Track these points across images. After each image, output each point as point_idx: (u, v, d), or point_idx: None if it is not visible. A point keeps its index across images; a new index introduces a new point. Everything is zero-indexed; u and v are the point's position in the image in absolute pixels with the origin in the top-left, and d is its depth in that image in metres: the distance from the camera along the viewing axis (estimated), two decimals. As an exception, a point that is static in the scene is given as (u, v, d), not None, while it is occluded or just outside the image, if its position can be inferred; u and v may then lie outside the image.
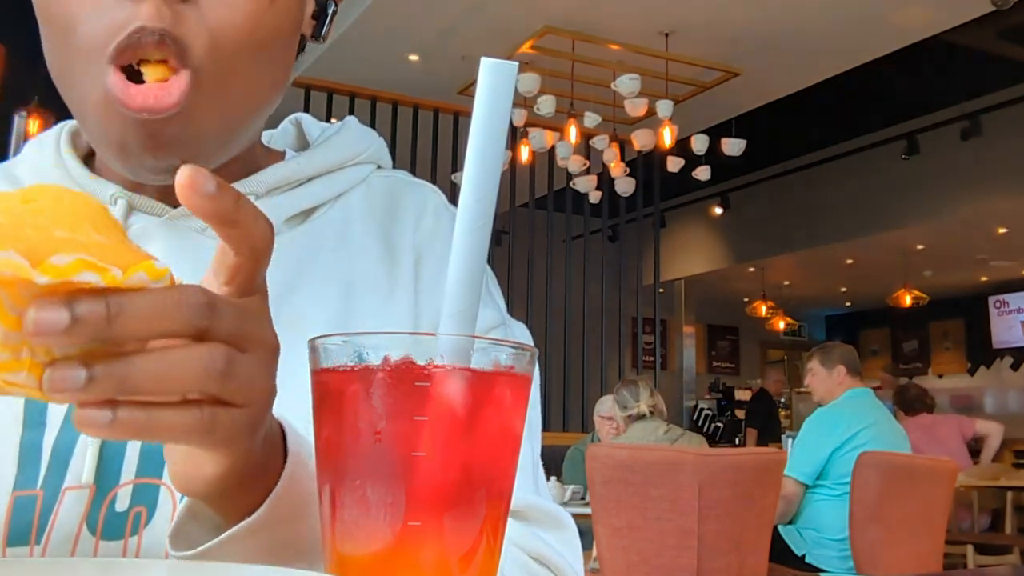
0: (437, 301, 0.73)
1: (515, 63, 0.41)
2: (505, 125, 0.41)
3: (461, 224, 0.40)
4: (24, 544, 0.57)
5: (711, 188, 9.18)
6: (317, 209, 0.72)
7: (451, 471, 0.38)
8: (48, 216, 0.33)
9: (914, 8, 5.74)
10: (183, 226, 0.67)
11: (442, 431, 0.38)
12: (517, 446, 0.41)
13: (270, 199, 0.70)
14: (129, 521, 0.59)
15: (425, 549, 0.38)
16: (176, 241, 0.66)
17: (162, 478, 0.60)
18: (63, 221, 0.33)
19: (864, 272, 11.16)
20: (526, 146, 6.74)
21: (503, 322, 0.75)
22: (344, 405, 0.39)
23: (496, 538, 0.40)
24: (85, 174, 0.68)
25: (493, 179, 0.41)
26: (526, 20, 6.02)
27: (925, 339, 12.85)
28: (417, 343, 0.39)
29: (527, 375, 0.41)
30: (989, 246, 9.87)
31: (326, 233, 0.72)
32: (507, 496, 0.41)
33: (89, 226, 0.34)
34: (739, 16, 5.90)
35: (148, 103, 0.52)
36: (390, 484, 0.38)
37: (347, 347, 0.40)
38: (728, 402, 11.60)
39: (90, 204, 0.35)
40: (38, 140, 0.73)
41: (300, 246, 0.70)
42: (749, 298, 12.19)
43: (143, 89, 0.51)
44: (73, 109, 0.60)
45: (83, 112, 0.58)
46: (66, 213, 0.33)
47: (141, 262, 0.34)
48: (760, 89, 7.04)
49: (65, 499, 0.59)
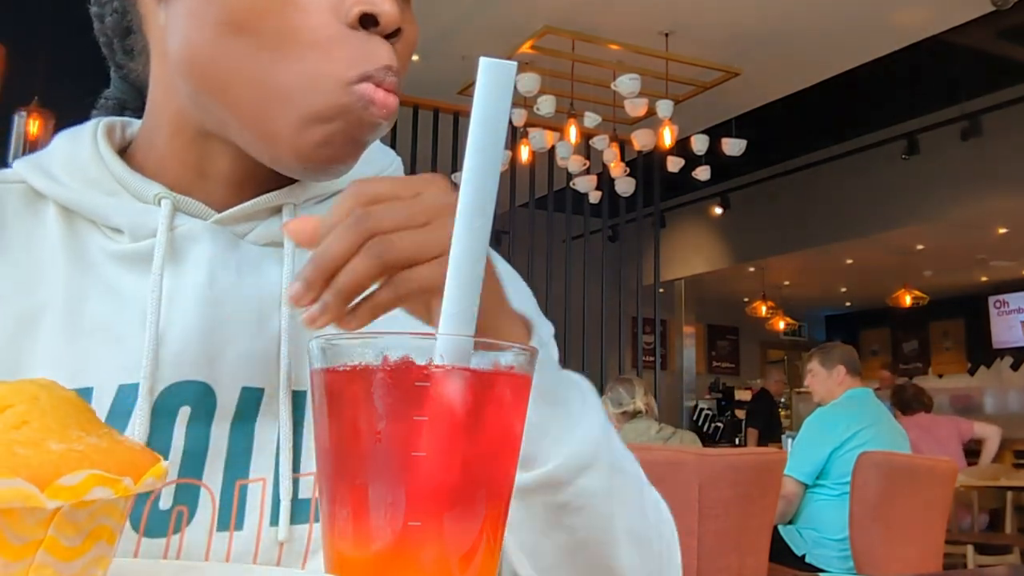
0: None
1: (514, 63, 0.41)
2: (504, 125, 0.41)
3: (460, 224, 0.40)
4: None
5: (711, 188, 9.17)
6: None
7: (451, 471, 0.38)
8: (35, 427, 0.31)
9: (914, 8, 5.74)
10: (227, 230, 0.67)
11: (442, 431, 0.38)
12: (517, 446, 0.41)
13: (306, 209, 0.71)
14: (172, 519, 0.60)
15: (425, 549, 0.38)
16: (220, 245, 0.66)
17: (202, 479, 0.62)
18: (51, 430, 0.31)
19: (864, 272, 11.16)
20: (526, 146, 6.74)
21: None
22: (344, 405, 0.39)
23: (496, 538, 0.40)
24: (126, 170, 0.69)
25: (492, 179, 0.41)
26: (526, 20, 6.02)
27: (925, 339, 12.85)
28: (417, 343, 0.39)
29: (527, 375, 0.41)
30: (989, 246, 9.87)
31: None
32: (507, 496, 0.41)
33: (76, 427, 0.32)
34: (739, 16, 5.91)
35: (391, 109, 0.62)
36: (390, 484, 0.38)
37: (347, 347, 0.40)
38: (728, 402, 11.59)
39: (67, 398, 0.34)
40: (71, 134, 0.73)
41: None
42: (749, 298, 12.18)
43: (388, 98, 0.61)
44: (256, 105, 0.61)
45: (287, 108, 0.60)
46: (50, 417, 0.32)
47: (150, 469, 0.32)
48: (760, 89, 7.04)
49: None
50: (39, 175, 0.69)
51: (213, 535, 0.61)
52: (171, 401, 0.63)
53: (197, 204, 0.68)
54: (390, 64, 0.61)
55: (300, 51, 0.60)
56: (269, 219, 0.69)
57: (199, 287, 0.64)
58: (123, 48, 0.74)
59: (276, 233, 0.69)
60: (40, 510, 0.29)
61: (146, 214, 0.66)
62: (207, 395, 0.63)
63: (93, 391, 0.62)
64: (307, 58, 0.60)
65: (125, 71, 0.77)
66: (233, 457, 0.63)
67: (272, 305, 0.66)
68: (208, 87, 0.63)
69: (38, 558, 0.30)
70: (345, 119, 0.60)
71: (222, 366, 0.63)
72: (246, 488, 0.63)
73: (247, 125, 0.62)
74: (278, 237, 0.69)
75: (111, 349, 0.63)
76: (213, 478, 0.62)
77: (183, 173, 0.69)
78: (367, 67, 0.60)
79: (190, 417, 0.63)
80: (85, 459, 0.30)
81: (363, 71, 0.60)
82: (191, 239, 0.66)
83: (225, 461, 0.63)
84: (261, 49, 0.60)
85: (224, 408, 0.64)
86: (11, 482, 0.28)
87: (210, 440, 0.63)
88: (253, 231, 0.68)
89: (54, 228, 0.68)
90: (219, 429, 0.63)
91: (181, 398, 0.63)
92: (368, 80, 0.60)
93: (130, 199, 0.68)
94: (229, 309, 0.64)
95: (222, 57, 0.61)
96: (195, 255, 0.65)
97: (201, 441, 0.63)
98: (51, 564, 0.30)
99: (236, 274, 0.66)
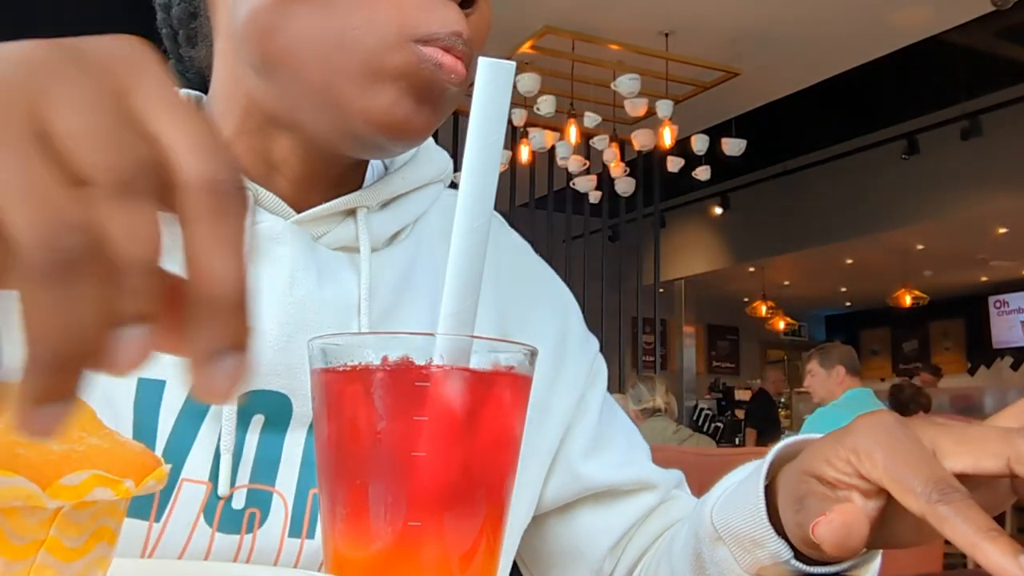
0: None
1: (513, 63, 0.41)
2: (503, 124, 0.41)
3: (460, 224, 0.40)
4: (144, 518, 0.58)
5: (711, 188, 9.18)
6: (404, 229, 0.72)
7: (451, 471, 0.38)
8: None
9: (914, 8, 5.74)
10: (306, 232, 0.65)
11: (442, 431, 0.38)
12: (517, 446, 0.41)
13: (381, 213, 0.69)
14: (244, 519, 0.60)
15: (425, 549, 0.38)
16: (300, 248, 0.64)
17: (275, 486, 0.61)
18: None
19: (864, 272, 11.17)
20: (526, 146, 6.74)
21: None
22: (344, 405, 0.39)
23: (496, 538, 0.40)
24: None
25: (491, 179, 0.41)
26: (526, 20, 6.01)
27: (925, 339, 12.85)
28: (416, 343, 0.39)
29: (527, 375, 0.41)
30: (989, 246, 9.87)
31: (416, 254, 0.72)
32: (507, 496, 0.41)
33: (77, 427, 0.32)
34: (739, 16, 5.90)
35: (460, 74, 0.59)
36: (390, 484, 0.38)
37: (347, 347, 0.40)
38: (728, 402, 11.60)
39: None
40: None
41: (399, 268, 0.69)
42: (749, 298, 12.19)
43: (456, 63, 0.59)
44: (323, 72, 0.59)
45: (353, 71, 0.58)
46: None
47: (152, 472, 0.32)
48: (760, 89, 7.04)
49: (184, 487, 0.60)
50: None
51: (284, 540, 0.60)
52: (246, 409, 0.61)
53: (275, 199, 0.65)
54: (460, 31, 0.59)
55: (368, 7, 0.58)
56: (343, 222, 0.67)
57: (280, 292, 0.62)
58: (187, 35, 0.72)
59: (349, 237, 0.66)
60: (41, 510, 0.29)
61: None
62: (283, 405, 0.62)
63: (165, 385, 0.60)
64: (375, 13, 0.58)
65: (186, 64, 0.74)
66: (308, 466, 0.62)
67: (350, 312, 0.65)
68: (274, 55, 0.60)
69: (40, 558, 0.30)
70: (413, 79, 0.58)
71: (300, 376, 0.62)
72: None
73: (315, 93, 0.60)
74: (351, 241, 0.67)
75: None
76: (287, 485, 0.62)
77: (252, 164, 0.66)
78: (436, 28, 0.58)
79: (264, 425, 0.62)
80: (86, 460, 0.30)
81: (431, 31, 0.58)
82: (272, 239, 0.63)
83: (299, 469, 0.62)
84: (326, 7, 0.58)
85: (300, 417, 0.62)
86: (12, 480, 0.28)
87: (283, 448, 0.62)
88: (328, 234, 0.66)
89: None
90: (294, 437, 0.62)
91: (257, 407, 0.61)
92: (435, 43, 0.58)
93: None
94: (309, 316, 0.63)
95: (288, 18, 0.59)
96: (277, 257, 0.63)
97: (275, 449, 0.62)
98: (52, 564, 0.30)
99: (316, 280, 0.64)
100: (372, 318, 0.65)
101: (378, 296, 0.67)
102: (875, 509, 0.49)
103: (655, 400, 4.12)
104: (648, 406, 4.12)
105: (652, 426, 4.01)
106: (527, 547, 0.79)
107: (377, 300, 0.66)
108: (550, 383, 0.75)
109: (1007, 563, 0.40)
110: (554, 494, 0.75)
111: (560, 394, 0.76)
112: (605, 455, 0.76)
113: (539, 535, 0.78)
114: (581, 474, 0.75)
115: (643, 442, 0.82)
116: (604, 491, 0.76)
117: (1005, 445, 0.45)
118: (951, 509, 0.43)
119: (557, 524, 0.77)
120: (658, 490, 0.77)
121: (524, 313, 0.76)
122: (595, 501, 0.76)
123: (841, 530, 0.48)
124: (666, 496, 0.78)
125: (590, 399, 0.78)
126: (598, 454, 0.76)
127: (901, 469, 0.46)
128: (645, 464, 0.78)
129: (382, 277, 0.68)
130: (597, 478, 0.75)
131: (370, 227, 0.67)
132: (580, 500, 0.76)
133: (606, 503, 0.76)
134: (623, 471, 0.76)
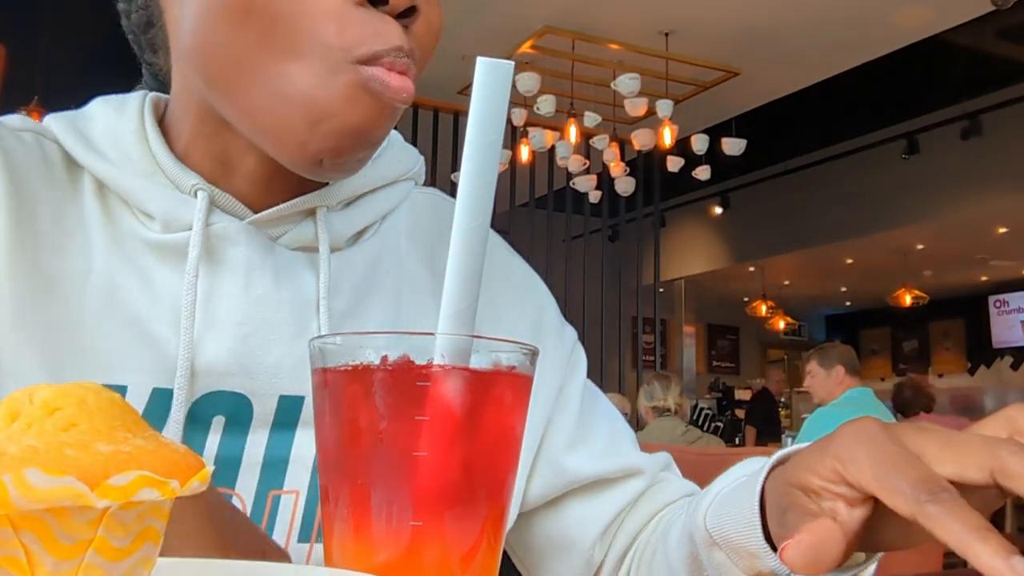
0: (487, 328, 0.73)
1: (511, 62, 0.41)
2: (502, 124, 0.41)
3: (459, 224, 0.40)
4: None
5: (711, 188, 9.18)
6: (368, 228, 0.71)
7: (452, 471, 0.38)
8: (83, 429, 0.31)
9: (914, 8, 5.74)
10: (263, 232, 0.65)
11: (443, 431, 0.38)
12: (518, 446, 0.41)
13: (343, 212, 0.69)
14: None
15: (426, 548, 0.38)
16: (256, 249, 0.64)
17: (235, 488, 0.61)
18: (99, 432, 0.31)
19: (864, 272, 11.17)
20: (526, 146, 6.74)
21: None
22: (345, 405, 0.39)
23: (497, 537, 0.40)
24: (167, 154, 0.65)
25: (490, 178, 0.41)
26: (526, 20, 6.02)
27: (925, 339, 12.85)
28: (417, 343, 0.39)
29: (528, 375, 0.41)
30: (989, 246, 9.88)
31: (381, 252, 0.71)
32: (508, 495, 0.41)
33: (122, 428, 0.32)
34: (739, 16, 5.91)
35: (406, 91, 0.58)
36: (391, 484, 0.38)
37: (347, 347, 0.40)
38: (728, 402, 11.60)
39: (113, 400, 0.34)
40: (117, 102, 0.69)
41: (361, 266, 0.69)
42: (749, 298, 12.19)
43: (404, 81, 0.58)
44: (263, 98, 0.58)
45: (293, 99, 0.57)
46: (98, 420, 0.32)
47: (197, 472, 0.32)
48: (760, 89, 7.04)
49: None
50: (78, 141, 0.65)
51: None
52: (205, 410, 0.61)
53: (232, 201, 0.65)
54: (400, 45, 0.57)
55: (306, 33, 0.56)
56: (302, 222, 0.66)
57: (236, 293, 0.62)
58: (147, 42, 0.72)
59: (308, 237, 0.66)
60: (90, 510, 0.29)
61: (182, 204, 0.63)
62: (243, 405, 0.62)
63: (127, 391, 0.60)
64: (316, 36, 0.56)
65: (153, 67, 0.74)
66: (269, 466, 0.62)
67: (309, 311, 0.64)
68: (216, 80, 0.60)
69: (87, 558, 0.30)
70: (356, 105, 0.57)
71: (259, 375, 0.62)
72: (279, 499, 0.62)
73: (256, 122, 0.59)
74: (310, 241, 0.66)
75: (144, 347, 0.61)
76: (246, 488, 0.61)
77: (210, 166, 0.65)
78: (376, 46, 0.56)
79: (225, 426, 0.61)
80: (132, 460, 0.31)
81: (372, 50, 0.56)
82: (227, 239, 0.63)
83: (260, 470, 0.62)
84: (266, 35, 0.57)
85: (261, 417, 0.62)
86: (62, 480, 0.28)
87: (245, 449, 0.62)
88: (286, 234, 0.66)
89: (90, 199, 0.65)
90: (255, 437, 0.62)
91: (216, 408, 0.61)
92: (378, 62, 0.56)
93: (166, 186, 0.64)
94: (267, 315, 0.63)
95: (228, 46, 0.58)
96: (231, 257, 0.63)
97: (235, 450, 0.61)
98: (100, 564, 0.31)
99: (273, 279, 0.63)
100: (332, 317, 0.65)
101: (339, 295, 0.66)
102: (860, 519, 0.48)
103: (666, 400, 4.13)
104: (659, 404, 4.13)
105: (661, 426, 4.02)
106: (517, 541, 0.79)
107: (338, 299, 0.66)
108: None
109: (999, 564, 0.39)
110: (540, 490, 0.75)
111: (537, 389, 0.75)
112: (588, 446, 0.76)
113: (528, 529, 0.77)
114: (566, 468, 0.75)
115: (627, 428, 0.81)
116: (591, 482, 0.76)
117: (989, 456, 0.44)
118: (941, 509, 0.42)
119: (545, 518, 0.77)
120: (645, 475, 0.77)
121: (495, 311, 0.76)
122: (582, 492, 0.76)
123: (809, 552, 0.47)
124: (653, 480, 0.78)
125: (569, 391, 0.78)
126: (581, 445, 0.76)
127: (888, 472, 0.45)
128: (630, 451, 0.78)
129: (343, 276, 0.67)
130: (583, 471, 0.75)
131: (330, 226, 0.67)
132: (567, 492, 0.76)
133: (593, 493, 0.76)
134: (608, 461, 0.76)
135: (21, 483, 0.28)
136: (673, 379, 4.30)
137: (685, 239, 11.06)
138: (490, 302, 0.76)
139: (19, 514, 0.29)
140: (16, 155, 0.64)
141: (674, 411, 4.13)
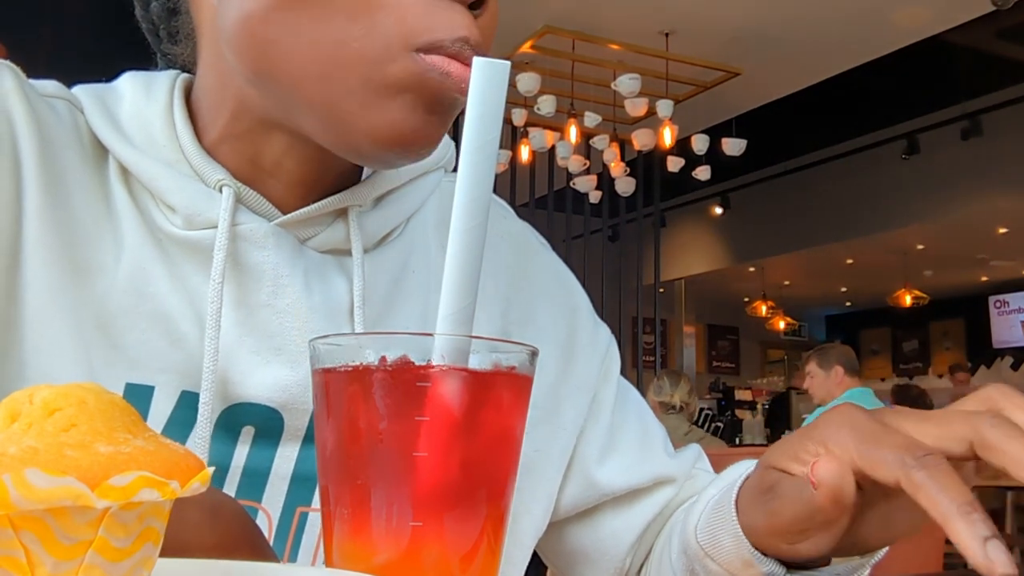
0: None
1: (507, 62, 0.41)
2: (499, 124, 0.41)
3: (457, 224, 0.40)
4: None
5: (711, 188, 9.17)
6: (396, 227, 0.68)
7: (452, 471, 0.38)
8: (83, 430, 0.31)
9: (914, 8, 5.73)
10: (291, 235, 0.62)
11: (443, 431, 0.38)
12: (518, 446, 0.41)
13: (374, 211, 0.65)
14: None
15: (426, 549, 0.38)
16: (285, 252, 0.60)
17: (261, 502, 0.60)
18: (99, 433, 0.31)
19: (864, 272, 11.16)
20: (526, 146, 6.74)
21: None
22: (345, 405, 0.39)
23: (497, 538, 0.40)
24: (195, 144, 0.61)
25: (488, 178, 0.41)
26: (526, 20, 6.01)
27: (925, 339, 12.85)
28: (417, 343, 0.39)
29: (528, 375, 0.41)
30: (989, 246, 9.87)
31: (410, 250, 0.68)
32: (508, 496, 0.41)
33: (122, 429, 0.32)
34: (739, 16, 5.90)
35: (465, 81, 0.54)
36: (391, 484, 0.38)
37: (347, 347, 0.40)
38: (728, 402, 11.60)
39: (113, 401, 0.33)
40: (145, 81, 0.65)
41: (391, 268, 0.66)
42: (749, 298, 12.19)
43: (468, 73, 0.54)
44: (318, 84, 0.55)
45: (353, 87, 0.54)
46: (98, 420, 0.32)
47: (197, 473, 0.32)
48: (760, 89, 7.04)
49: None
50: (105, 121, 0.62)
51: None
52: (234, 420, 0.59)
53: (260, 200, 0.61)
54: (466, 35, 0.54)
55: (368, 15, 0.53)
56: (334, 223, 0.63)
57: (264, 302, 0.59)
58: (168, 32, 0.68)
59: (340, 239, 0.63)
60: (90, 510, 0.29)
61: (206, 199, 0.59)
62: (274, 418, 0.59)
63: (154, 391, 0.58)
64: (376, 22, 0.53)
65: (169, 60, 0.70)
66: (297, 481, 0.60)
67: (342, 319, 0.62)
68: (268, 65, 0.56)
69: (88, 558, 0.30)
70: (419, 90, 0.54)
71: (291, 387, 0.59)
72: (306, 516, 0.60)
73: (314, 106, 0.55)
74: (342, 243, 0.63)
75: (172, 347, 0.59)
76: (273, 502, 0.59)
77: (240, 164, 0.62)
78: (440, 35, 0.53)
79: (254, 437, 0.59)
80: (133, 461, 0.31)
81: (435, 38, 0.53)
82: (253, 243, 0.60)
83: (288, 485, 0.60)
84: (325, 14, 0.53)
85: (292, 431, 0.60)
86: (62, 480, 0.28)
87: (274, 462, 0.60)
88: (316, 236, 0.63)
89: (116, 184, 0.61)
90: (286, 450, 0.60)
91: (246, 418, 0.59)
92: (439, 51, 0.53)
93: (190, 177, 0.61)
94: (297, 327, 0.60)
95: (282, 28, 0.54)
96: (259, 263, 0.60)
97: (264, 463, 0.59)
98: (100, 564, 0.31)
99: (303, 287, 0.60)
100: (366, 324, 0.62)
101: (372, 300, 0.64)
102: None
103: (673, 397, 4.15)
104: (666, 400, 4.16)
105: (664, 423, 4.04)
106: (549, 547, 0.78)
107: (371, 304, 0.63)
108: (558, 385, 0.73)
109: (976, 548, 0.39)
110: (572, 501, 0.74)
111: (571, 397, 0.74)
112: (621, 456, 0.75)
113: (560, 538, 0.77)
114: (598, 481, 0.74)
115: (658, 427, 0.80)
116: (623, 494, 0.75)
117: (968, 429, 0.44)
118: (926, 475, 0.42)
119: (578, 528, 0.76)
120: (676, 483, 0.76)
121: (528, 311, 0.74)
122: (615, 504, 0.75)
123: (838, 470, 0.47)
124: (683, 485, 0.77)
125: (602, 397, 0.76)
126: (614, 454, 0.75)
127: (870, 446, 0.45)
128: (660, 456, 0.76)
129: (375, 280, 0.64)
130: (615, 484, 0.74)
131: (362, 227, 0.64)
132: (600, 504, 0.75)
133: (626, 504, 0.75)
134: (640, 470, 0.75)
135: (21, 483, 0.28)
136: (684, 377, 4.32)
137: (685, 239, 11.06)
138: (523, 303, 0.74)
139: (19, 514, 0.29)
140: (49, 127, 0.60)
141: (679, 409, 4.15)
